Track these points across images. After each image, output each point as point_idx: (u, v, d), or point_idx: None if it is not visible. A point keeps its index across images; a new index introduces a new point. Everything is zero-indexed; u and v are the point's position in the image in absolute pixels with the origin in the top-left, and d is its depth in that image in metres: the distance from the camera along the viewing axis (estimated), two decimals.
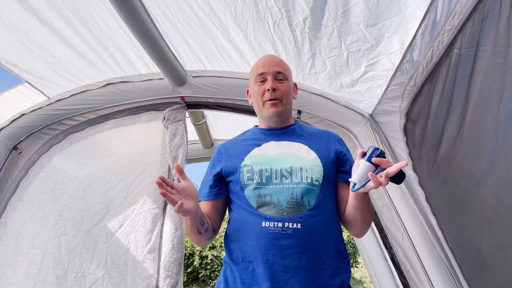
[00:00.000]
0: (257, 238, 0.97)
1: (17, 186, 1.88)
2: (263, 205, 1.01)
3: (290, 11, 1.28)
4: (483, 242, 1.14)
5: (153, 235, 1.77)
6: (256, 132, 1.22)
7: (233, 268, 1.02)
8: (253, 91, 1.19)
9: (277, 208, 0.99)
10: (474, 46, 0.97)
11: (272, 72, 1.13)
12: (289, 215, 0.97)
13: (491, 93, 0.93)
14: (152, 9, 1.41)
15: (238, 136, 1.28)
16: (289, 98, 1.15)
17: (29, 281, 1.70)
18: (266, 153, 1.10)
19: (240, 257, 1.01)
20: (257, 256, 0.97)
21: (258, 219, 0.99)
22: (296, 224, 0.96)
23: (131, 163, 1.93)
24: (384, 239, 1.82)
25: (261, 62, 1.18)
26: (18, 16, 1.40)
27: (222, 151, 1.19)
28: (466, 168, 1.13)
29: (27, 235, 1.78)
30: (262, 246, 0.96)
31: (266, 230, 0.97)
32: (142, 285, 1.70)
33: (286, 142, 1.13)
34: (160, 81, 1.93)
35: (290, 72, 1.21)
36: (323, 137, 1.18)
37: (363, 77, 1.53)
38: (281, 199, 1.00)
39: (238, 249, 1.02)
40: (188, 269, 6.39)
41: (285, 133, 1.17)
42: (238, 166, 1.08)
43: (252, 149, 1.12)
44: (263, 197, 1.01)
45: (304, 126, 1.24)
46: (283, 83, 1.13)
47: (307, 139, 1.14)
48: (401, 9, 1.12)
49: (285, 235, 0.96)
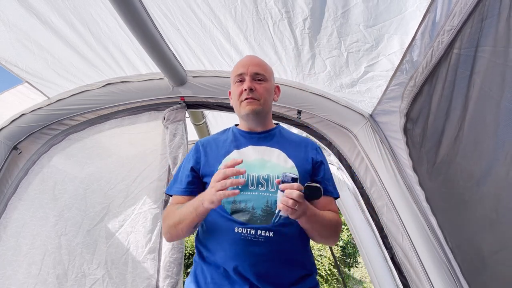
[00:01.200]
0: (229, 243, 0.98)
1: (17, 186, 1.88)
2: (238, 211, 1.00)
3: (290, 12, 1.28)
4: (483, 242, 1.14)
5: (153, 235, 1.77)
6: (236, 133, 1.21)
7: (204, 269, 1.02)
8: (232, 91, 1.19)
9: (251, 215, 0.99)
10: (474, 46, 0.97)
11: (250, 72, 1.13)
12: (262, 223, 0.98)
13: (491, 93, 0.93)
14: (152, 9, 1.41)
15: (218, 134, 1.26)
16: (267, 99, 1.14)
17: (29, 281, 1.70)
18: (245, 158, 1.08)
19: (212, 259, 1.01)
20: (228, 261, 0.97)
21: (231, 225, 0.99)
22: (269, 232, 0.97)
23: (131, 163, 1.93)
24: (384, 239, 1.82)
25: (241, 63, 1.18)
26: (18, 16, 1.40)
27: (200, 149, 1.17)
28: (466, 168, 1.13)
29: (27, 235, 1.79)
30: (234, 252, 0.97)
31: (239, 236, 0.97)
32: (142, 285, 1.70)
33: (265, 148, 1.13)
34: (160, 81, 1.93)
35: (271, 73, 1.21)
36: (301, 145, 1.18)
37: (363, 78, 1.53)
38: (255, 207, 1.00)
39: (210, 251, 1.02)
40: (188, 269, 6.38)
41: (264, 137, 1.17)
42: (215, 170, 1.07)
43: (230, 152, 1.12)
44: (238, 203, 1.01)
45: (284, 131, 1.24)
46: (261, 84, 1.13)
47: (286, 146, 1.14)
48: (401, 9, 1.12)
49: (257, 242, 0.96)
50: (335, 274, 6.73)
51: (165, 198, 1.84)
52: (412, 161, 1.55)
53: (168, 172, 1.89)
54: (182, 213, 1.00)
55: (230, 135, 1.21)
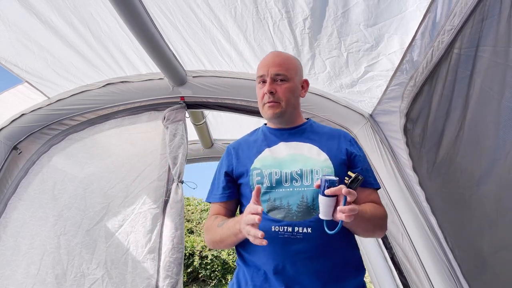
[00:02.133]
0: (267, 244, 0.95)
1: (17, 186, 1.88)
2: (273, 209, 0.98)
3: (290, 11, 1.28)
4: (483, 242, 1.14)
5: (153, 235, 1.77)
6: (265, 132, 1.19)
7: (245, 271, 1.01)
8: (257, 92, 1.17)
9: (287, 212, 0.96)
10: (474, 46, 0.97)
11: (270, 74, 1.09)
12: (299, 219, 0.95)
13: (491, 93, 0.93)
14: (152, 9, 1.41)
15: (247, 135, 1.25)
16: (289, 99, 1.11)
17: (28, 281, 1.70)
18: (276, 155, 1.07)
19: (251, 260, 1.00)
20: (267, 261, 0.95)
21: (267, 223, 0.96)
22: (306, 229, 0.94)
23: (131, 163, 1.93)
24: (384, 239, 1.82)
25: (262, 63, 1.15)
26: (18, 16, 1.40)
27: (231, 152, 1.16)
28: (466, 168, 1.13)
29: (27, 235, 1.78)
30: (272, 251, 0.94)
31: (276, 234, 0.94)
32: (142, 285, 1.69)
33: (295, 143, 1.10)
34: (160, 81, 1.93)
35: (296, 69, 1.14)
36: (334, 137, 1.14)
37: (363, 78, 1.53)
38: (291, 203, 0.97)
39: (249, 253, 1.01)
40: (188, 269, 6.38)
41: (295, 133, 1.14)
42: (248, 169, 1.06)
43: (262, 151, 1.10)
44: (273, 201, 0.99)
45: (315, 125, 1.20)
46: (283, 85, 1.09)
47: (317, 139, 1.11)
48: (401, 9, 1.12)
49: (295, 239, 0.93)
50: None
51: (165, 198, 1.84)
52: (412, 161, 1.55)
53: (168, 172, 1.88)
54: (223, 234, 1.00)
55: (260, 135, 1.19)
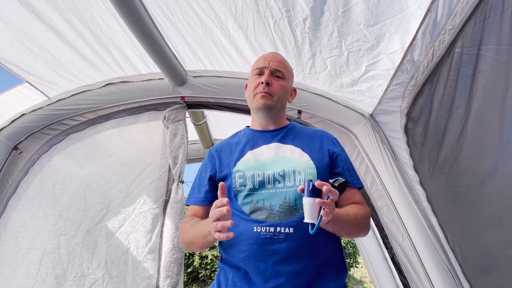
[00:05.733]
0: (248, 243, 0.96)
1: (17, 186, 1.88)
2: (256, 210, 0.98)
3: (290, 10, 1.28)
4: (488, 241, 1.14)
5: (154, 235, 1.77)
6: (248, 133, 1.19)
7: (227, 271, 1.02)
8: (249, 83, 1.17)
9: (269, 212, 0.96)
10: (477, 45, 0.96)
11: (271, 67, 1.11)
12: (281, 219, 0.95)
13: (495, 91, 0.93)
14: (152, 9, 1.41)
15: (230, 138, 1.25)
16: (282, 96, 1.13)
17: (28, 281, 1.70)
18: (258, 158, 1.08)
19: (232, 261, 1.00)
20: (249, 262, 0.95)
21: (250, 224, 0.97)
22: (289, 229, 0.94)
23: (131, 163, 1.93)
24: (384, 239, 1.82)
25: (263, 56, 1.17)
26: (19, 16, 1.40)
27: (214, 155, 1.16)
28: (470, 167, 1.12)
29: (27, 235, 1.78)
30: (254, 252, 0.94)
31: (258, 235, 0.95)
32: (142, 285, 1.69)
33: (278, 145, 1.11)
34: (160, 81, 1.93)
35: (291, 74, 1.19)
36: (316, 137, 1.15)
37: (363, 77, 1.53)
38: (273, 204, 0.98)
39: (231, 254, 1.01)
40: (188, 269, 6.38)
41: (277, 135, 1.15)
42: (230, 172, 1.06)
43: (244, 154, 1.10)
44: (256, 202, 0.99)
45: (297, 126, 1.22)
46: (279, 81, 1.11)
47: (299, 141, 1.12)
48: (402, 8, 1.12)
49: (277, 239, 0.94)
50: None
51: (165, 198, 1.84)
52: (413, 160, 1.55)
53: (168, 172, 1.88)
54: (194, 235, 0.99)
55: (243, 137, 1.19)
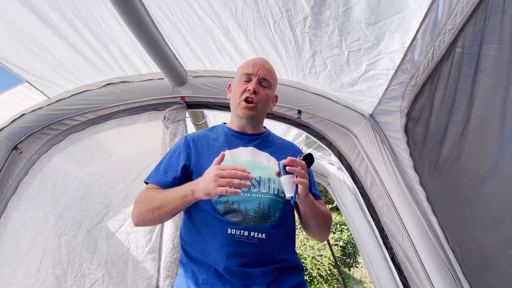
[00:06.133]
0: (221, 244, 0.97)
1: (17, 186, 1.87)
2: (230, 211, 1.00)
3: (291, 10, 1.28)
4: (488, 241, 1.14)
5: (154, 235, 1.77)
6: (226, 132, 1.21)
7: (195, 270, 1.01)
8: (235, 87, 1.19)
9: (244, 216, 0.99)
10: (478, 44, 0.96)
11: (259, 75, 1.15)
12: (255, 224, 0.99)
13: (496, 91, 0.93)
14: (152, 9, 1.41)
15: (206, 130, 1.26)
16: (265, 105, 1.18)
17: (28, 281, 1.70)
18: (236, 159, 1.10)
19: (202, 259, 1.01)
20: (219, 261, 0.97)
21: (223, 225, 0.98)
22: (261, 234, 0.98)
23: (131, 163, 1.93)
24: (384, 239, 1.82)
25: (252, 62, 1.19)
26: (18, 15, 1.40)
27: (190, 144, 1.15)
28: (471, 167, 1.12)
29: (27, 235, 1.78)
30: (226, 253, 0.97)
31: (232, 237, 0.97)
32: (142, 285, 1.69)
33: (255, 150, 1.15)
34: (160, 81, 1.93)
35: (276, 82, 1.25)
36: (288, 149, 1.23)
37: (363, 76, 1.53)
38: (248, 208, 1.00)
39: (200, 251, 1.02)
40: None
41: (254, 140, 1.19)
42: (205, 168, 1.03)
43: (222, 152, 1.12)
44: (231, 203, 1.01)
45: (272, 135, 1.28)
46: (265, 90, 1.16)
47: (274, 150, 1.18)
48: (402, 7, 1.12)
49: (250, 243, 0.97)
50: (335, 274, 6.72)
51: None
52: (413, 160, 1.55)
53: None
54: (165, 198, 0.97)
55: (221, 134, 1.20)
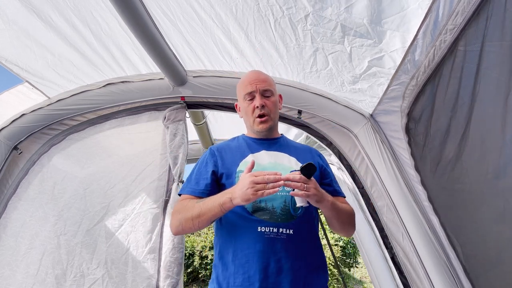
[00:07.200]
0: (252, 242, 1.03)
1: (17, 186, 1.87)
2: (258, 210, 1.06)
3: (292, 8, 1.27)
4: (492, 240, 1.14)
5: (154, 235, 1.76)
6: (247, 140, 1.29)
7: (225, 271, 1.06)
8: (243, 107, 1.27)
9: (272, 214, 1.06)
10: (480, 43, 0.96)
11: (259, 89, 1.22)
12: (282, 221, 1.05)
13: (498, 90, 0.93)
14: (152, 9, 1.41)
15: (228, 141, 1.34)
16: (276, 112, 1.26)
17: (27, 281, 1.69)
18: (259, 161, 1.16)
19: (232, 260, 1.05)
20: (252, 259, 1.02)
21: (253, 224, 1.05)
22: (289, 230, 1.04)
23: (131, 163, 1.92)
24: (384, 239, 1.81)
25: (248, 80, 1.25)
26: (19, 15, 1.40)
27: (215, 153, 1.23)
28: (473, 166, 1.12)
29: (26, 235, 1.78)
30: (258, 250, 1.02)
31: (262, 234, 1.03)
32: (142, 285, 1.69)
33: (276, 153, 1.22)
34: (160, 81, 1.93)
35: (275, 85, 1.31)
36: (306, 151, 1.30)
37: (366, 73, 1.51)
38: (275, 206, 1.07)
39: (231, 252, 1.06)
40: (188, 269, 6.38)
41: (274, 144, 1.26)
42: (234, 171, 1.13)
43: (246, 156, 1.19)
44: (258, 202, 1.07)
45: (288, 140, 1.35)
46: (270, 99, 1.23)
47: (293, 152, 1.24)
48: (403, 6, 1.12)
49: (279, 239, 1.03)
50: (335, 274, 6.71)
51: (165, 198, 1.83)
52: (414, 160, 1.55)
53: (169, 172, 1.88)
54: (204, 206, 1.02)
55: (242, 142, 1.29)
